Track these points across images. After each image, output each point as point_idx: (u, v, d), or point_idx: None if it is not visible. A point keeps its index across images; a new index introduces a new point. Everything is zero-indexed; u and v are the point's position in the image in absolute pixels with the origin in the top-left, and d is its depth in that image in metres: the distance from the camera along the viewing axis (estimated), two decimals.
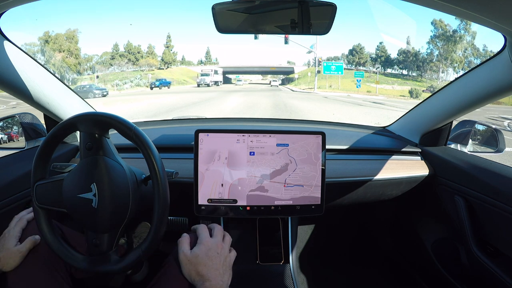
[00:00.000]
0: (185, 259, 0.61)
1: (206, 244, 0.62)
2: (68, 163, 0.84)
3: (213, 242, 0.63)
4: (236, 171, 0.80)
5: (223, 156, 0.81)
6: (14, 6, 0.64)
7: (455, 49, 30.09)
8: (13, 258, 0.64)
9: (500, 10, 0.53)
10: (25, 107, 6.58)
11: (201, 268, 0.59)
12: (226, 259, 0.63)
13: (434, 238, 1.17)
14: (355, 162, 1.07)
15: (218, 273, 0.60)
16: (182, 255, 0.61)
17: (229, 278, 0.62)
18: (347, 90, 27.29)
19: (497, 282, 0.85)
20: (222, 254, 0.63)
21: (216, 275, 0.59)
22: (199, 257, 0.60)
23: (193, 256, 0.60)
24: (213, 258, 0.61)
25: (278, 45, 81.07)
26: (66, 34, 31.40)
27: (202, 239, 0.63)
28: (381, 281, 1.37)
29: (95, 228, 0.64)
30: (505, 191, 0.84)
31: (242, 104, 12.76)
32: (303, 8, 0.68)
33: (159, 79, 30.03)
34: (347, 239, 1.61)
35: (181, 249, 0.62)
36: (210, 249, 0.61)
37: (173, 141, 1.09)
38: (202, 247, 0.61)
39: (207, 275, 0.58)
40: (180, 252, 0.62)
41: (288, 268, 0.97)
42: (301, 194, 0.82)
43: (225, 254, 0.64)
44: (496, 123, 9.56)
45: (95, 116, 0.64)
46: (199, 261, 0.59)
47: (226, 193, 0.80)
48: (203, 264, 0.59)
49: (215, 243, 0.63)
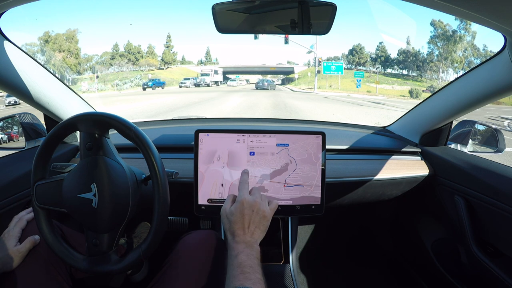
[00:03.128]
0: (223, 214, 0.64)
1: (242, 202, 0.63)
2: (68, 163, 0.84)
3: (250, 200, 0.64)
4: (236, 171, 0.80)
5: (223, 156, 0.81)
6: (14, 6, 0.64)
7: (455, 49, 30.09)
8: (13, 258, 0.64)
9: (500, 10, 0.53)
10: (25, 107, 6.59)
11: (233, 225, 0.61)
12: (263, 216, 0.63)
13: (434, 238, 1.17)
14: (355, 162, 1.07)
15: (248, 230, 0.61)
16: (223, 211, 0.65)
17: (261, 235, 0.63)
18: (347, 90, 27.28)
19: (497, 282, 0.85)
20: (258, 212, 0.63)
21: (245, 233, 0.61)
22: (233, 214, 0.62)
23: (229, 212, 0.63)
24: (246, 216, 0.62)
25: (278, 45, 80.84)
26: (66, 34, 31.40)
27: (239, 197, 0.65)
28: (381, 281, 1.37)
29: (95, 228, 0.64)
30: (505, 191, 0.84)
31: (242, 104, 12.76)
32: (303, 8, 0.68)
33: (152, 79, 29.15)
34: (347, 239, 1.61)
35: (224, 206, 0.65)
36: (246, 207, 0.63)
37: (173, 141, 1.09)
38: (238, 205, 0.63)
39: (236, 232, 0.61)
40: (222, 209, 0.65)
41: (288, 268, 0.97)
42: (301, 194, 0.82)
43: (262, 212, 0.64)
44: (496, 123, 9.56)
45: (95, 116, 0.64)
46: (232, 219, 0.62)
47: (226, 193, 0.80)
48: (235, 221, 0.62)
49: (252, 200, 0.64)
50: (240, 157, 0.81)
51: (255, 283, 0.51)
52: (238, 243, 0.59)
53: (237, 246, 0.58)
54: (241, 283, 0.51)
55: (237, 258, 0.56)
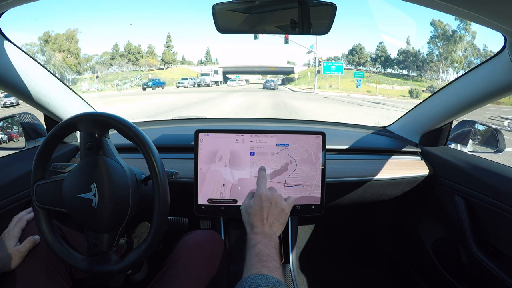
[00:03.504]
0: (243, 208, 0.67)
1: (260, 195, 0.65)
2: (68, 163, 0.84)
3: (267, 194, 0.66)
4: (236, 171, 0.80)
5: (224, 156, 0.81)
6: (14, 6, 0.64)
7: (455, 49, 30.09)
8: (13, 258, 0.64)
9: (500, 10, 0.53)
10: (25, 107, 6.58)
11: (252, 217, 0.63)
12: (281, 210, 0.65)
13: (434, 238, 1.17)
14: (355, 162, 1.07)
15: (266, 222, 0.62)
16: (242, 205, 0.67)
17: (280, 227, 0.64)
18: (347, 90, 27.27)
19: (497, 282, 0.85)
20: (276, 205, 0.65)
21: (264, 224, 0.62)
22: (252, 207, 0.64)
23: (248, 205, 0.65)
24: (264, 209, 0.63)
25: (278, 45, 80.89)
26: (66, 34, 31.40)
27: (258, 190, 0.67)
28: (381, 281, 1.37)
29: (95, 228, 0.64)
30: (505, 191, 0.84)
31: (242, 104, 12.76)
32: (303, 8, 0.68)
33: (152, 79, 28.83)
34: (347, 239, 1.61)
35: (244, 201, 0.68)
36: (263, 201, 0.64)
37: (173, 141, 1.09)
38: (256, 198, 0.65)
39: (255, 224, 0.62)
40: (242, 204, 0.68)
41: (288, 268, 0.97)
42: (301, 194, 0.82)
43: (280, 206, 0.65)
44: (496, 123, 9.56)
45: (95, 116, 0.64)
46: (251, 211, 0.64)
47: (227, 193, 0.80)
48: (253, 213, 0.63)
49: (271, 194, 0.66)
50: (240, 157, 0.81)
51: (272, 270, 0.51)
52: (256, 234, 0.60)
53: (255, 237, 0.59)
54: (258, 270, 0.51)
55: (255, 247, 0.57)
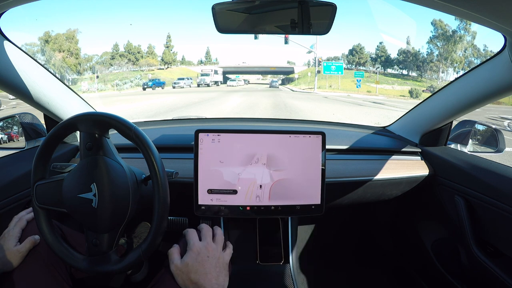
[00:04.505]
0: (176, 269, 0.60)
1: (195, 249, 0.61)
2: (68, 163, 0.84)
3: (201, 246, 0.62)
4: (236, 171, 0.80)
5: (223, 156, 0.81)
6: (14, 6, 0.64)
7: (455, 49, 30.09)
8: (13, 258, 0.64)
9: (500, 10, 0.53)
10: (25, 107, 6.58)
11: (193, 275, 0.58)
12: (219, 260, 0.62)
13: (434, 238, 1.17)
14: (355, 162, 1.07)
15: (212, 276, 0.59)
16: (173, 266, 0.60)
17: (226, 279, 0.62)
18: (347, 90, 27.27)
19: (497, 282, 0.85)
20: (214, 256, 0.62)
21: (210, 279, 0.58)
22: (189, 265, 0.59)
23: (183, 265, 0.59)
24: (204, 263, 0.59)
25: (278, 45, 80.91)
26: (66, 34, 31.40)
27: (190, 245, 0.62)
28: (381, 281, 1.37)
29: (95, 228, 0.64)
30: (505, 191, 0.84)
31: (242, 104, 12.76)
32: (303, 8, 0.68)
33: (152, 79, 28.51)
34: (347, 239, 1.61)
35: (172, 260, 0.61)
36: (199, 254, 0.60)
37: (173, 141, 1.09)
38: (191, 253, 0.60)
39: (200, 281, 0.57)
40: (171, 264, 0.61)
41: (288, 268, 0.97)
42: (301, 193, 0.82)
43: (218, 255, 0.63)
44: (496, 123, 9.56)
45: (95, 116, 0.64)
46: (190, 269, 0.58)
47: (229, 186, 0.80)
48: (194, 271, 0.58)
49: (203, 246, 0.62)
50: (240, 157, 0.81)
51: None
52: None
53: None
54: None
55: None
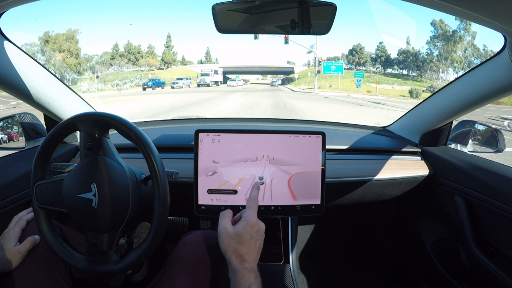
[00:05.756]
0: (225, 233, 0.56)
1: (252, 223, 0.56)
2: (68, 163, 0.84)
3: (260, 224, 0.58)
4: (236, 171, 0.80)
5: (223, 156, 0.80)
6: (14, 6, 0.64)
7: (455, 49, 30.08)
8: (13, 258, 0.65)
9: (500, 10, 0.53)
10: (25, 107, 6.58)
11: (241, 247, 0.55)
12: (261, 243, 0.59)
13: (434, 238, 1.17)
14: (355, 162, 1.07)
15: (255, 256, 0.56)
16: (223, 229, 0.57)
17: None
18: (347, 90, 27.26)
19: (497, 282, 0.85)
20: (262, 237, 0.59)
21: (254, 258, 0.56)
22: (242, 235, 0.55)
23: (235, 232, 0.56)
24: (256, 241, 0.56)
25: (278, 45, 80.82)
26: (66, 34, 31.37)
27: (247, 215, 0.57)
28: (381, 281, 1.37)
29: (95, 228, 0.64)
30: (505, 191, 0.84)
31: (242, 104, 12.76)
32: (303, 8, 0.68)
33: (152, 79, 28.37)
34: (347, 239, 1.61)
35: (223, 223, 0.58)
36: (255, 231, 0.56)
37: (173, 141, 1.09)
38: (246, 224, 0.56)
39: (246, 257, 0.55)
40: (221, 226, 0.57)
41: (288, 268, 0.97)
42: (301, 193, 0.82)
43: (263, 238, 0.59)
44: (496, 123, 9.56)
45: (95, 116, 0.64)
46: (241, 240, 0.55)
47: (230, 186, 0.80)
48: (244, 243, 0.55)
49: (262, 225, 0.58)
50: (240, 156, 0.81)
51: None
52: (249, 272, 0.53)
53: (249, 276, 0.53)
54: None
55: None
